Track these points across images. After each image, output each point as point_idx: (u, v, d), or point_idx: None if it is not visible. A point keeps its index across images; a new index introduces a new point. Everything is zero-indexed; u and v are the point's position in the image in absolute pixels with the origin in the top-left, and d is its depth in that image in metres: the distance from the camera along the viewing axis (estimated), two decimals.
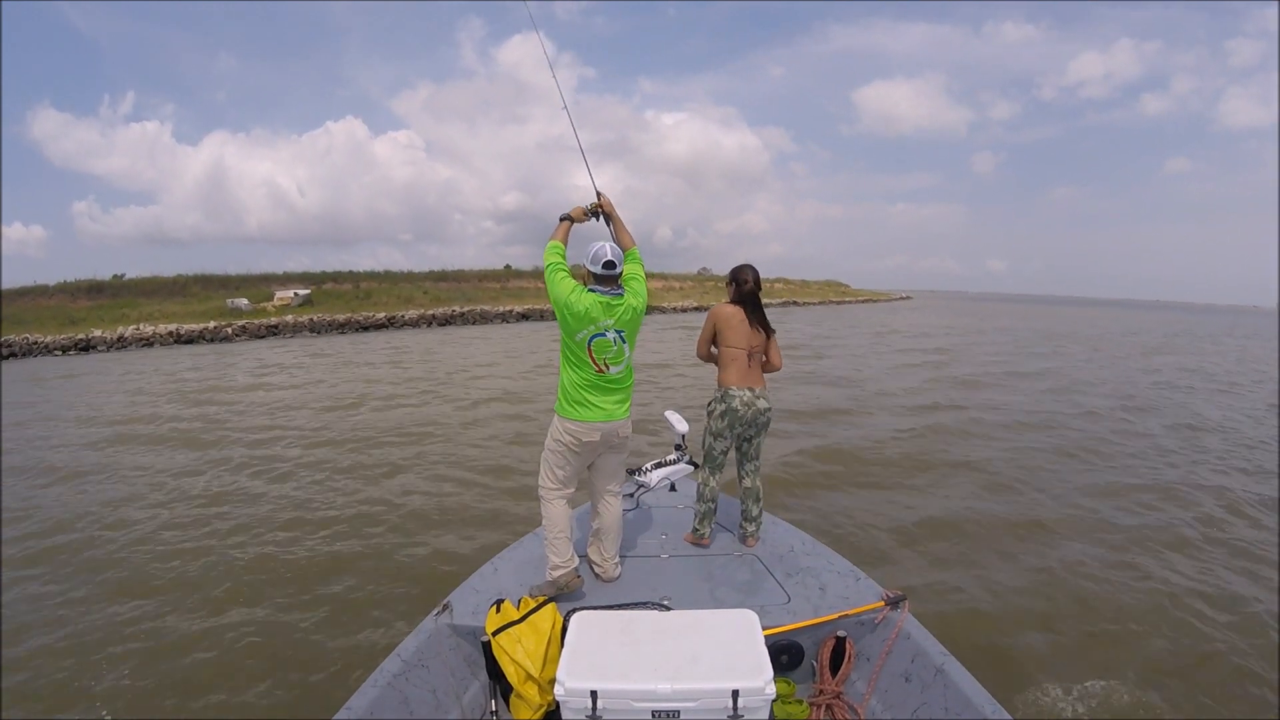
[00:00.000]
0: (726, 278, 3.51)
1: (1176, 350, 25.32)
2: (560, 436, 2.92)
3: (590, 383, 2.88)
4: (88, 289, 35.74)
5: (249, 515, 6.03)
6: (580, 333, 2.81)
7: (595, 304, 2.81)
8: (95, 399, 13.12)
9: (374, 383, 14.41)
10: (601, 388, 2.89)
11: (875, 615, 2.71)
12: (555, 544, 2.91)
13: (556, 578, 2.87)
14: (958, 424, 10.00)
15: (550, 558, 2.91)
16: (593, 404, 2.88)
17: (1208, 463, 8.18)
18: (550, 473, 2.99)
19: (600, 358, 2.85)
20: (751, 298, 3.38)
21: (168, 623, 4.16)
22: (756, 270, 3.41)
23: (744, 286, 3.38)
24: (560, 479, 2.98)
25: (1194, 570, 4.97)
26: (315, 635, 4.01)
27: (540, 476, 3.02)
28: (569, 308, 2.79)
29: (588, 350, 2.83)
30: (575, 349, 2.85)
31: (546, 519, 2.96)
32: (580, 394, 2.87)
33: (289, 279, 41.20)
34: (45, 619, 4.26)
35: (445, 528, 5.71)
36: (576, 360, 2.87)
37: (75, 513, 6.19)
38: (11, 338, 24.65)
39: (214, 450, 8.48)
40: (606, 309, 2.83)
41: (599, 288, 2.86)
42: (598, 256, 2.86)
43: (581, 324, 2.80)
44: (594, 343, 2.83)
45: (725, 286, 3.51)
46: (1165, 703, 3.48)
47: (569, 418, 2.89)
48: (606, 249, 2.86)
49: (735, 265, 3.46)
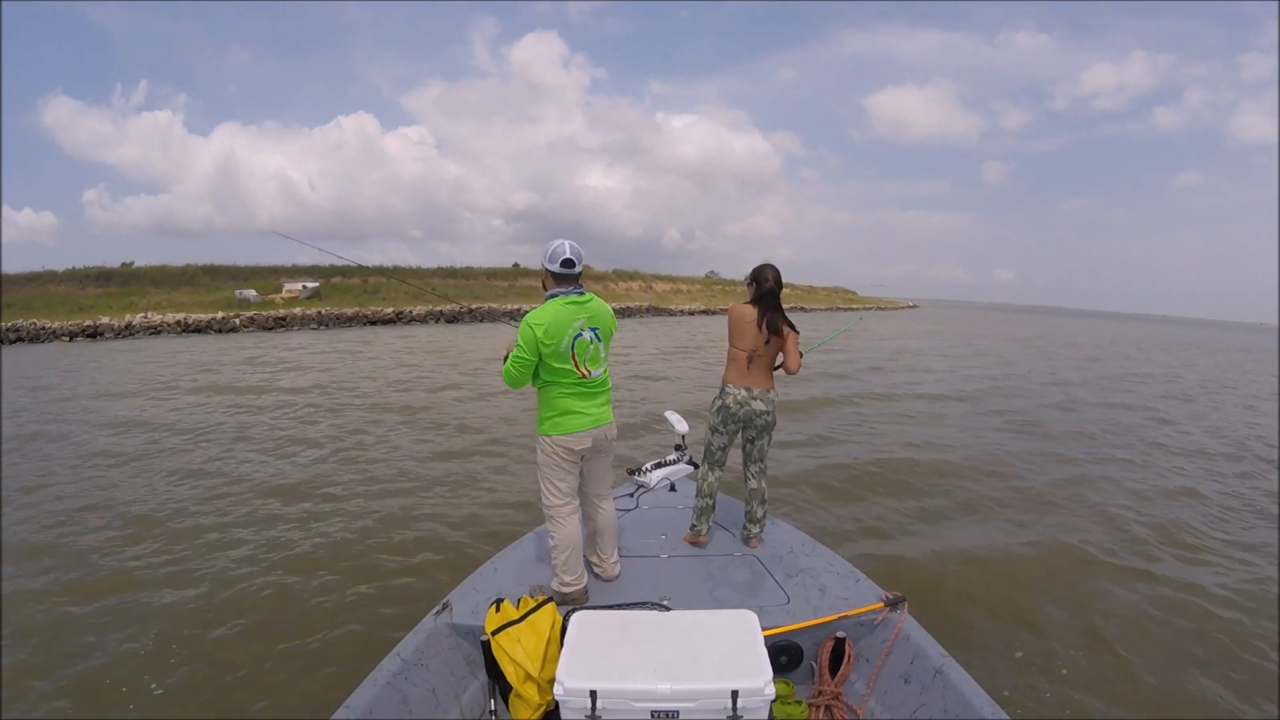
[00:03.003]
0: (747, 278, 3.49)
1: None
2: (552, 452, 2.84)
3: (574, 390, 2.81)
4: (96, 276, 36.00)
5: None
6: (562, 343, 2.72)
7: (562, 307, 2.73)
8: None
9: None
10: (585, 393, 2.84)
11: (874, 616, 2.70)
12: (569, 563, 2.85)
13: (568, 594, 2.84)
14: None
15: (561, 575, 2.85)
16: (578, 411, 2.82)
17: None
18: (553, 488, 2.89)
19: (581, 360, 2.78)
20: (770, 297, 3.36)
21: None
22: (778, 270, 3.39)
23: (764, 285, 3.36)
24: (564, 491, 2.90)
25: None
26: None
27: (543, 496, 2.92)
28: (541, 331, 2.67)
29: (571, 355, 2.75)
30: (555, 365, 2.75)
31: (559, 537, 2.86)
32: (565, 403, 2.80)
33: (298, 272, 41.37)
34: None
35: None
36: (556, 373, 2.77)
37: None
38: (19, 322, 24.88)
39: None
40: (577, 307, 2.76)
41: (561, 290, 2.77)
42: (556, 254, 2.74)
43: (558, 334, 2.70)
44: (575, 344, 2.75)
45: (747, 286, 3.49)
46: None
47: (557, 433, 2.81)
48: (565, 246, 2.75)
49: (756, 265, 3.44)
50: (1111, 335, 45.79)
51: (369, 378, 14.43)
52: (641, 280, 58.87)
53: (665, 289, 58.19)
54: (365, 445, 8.35)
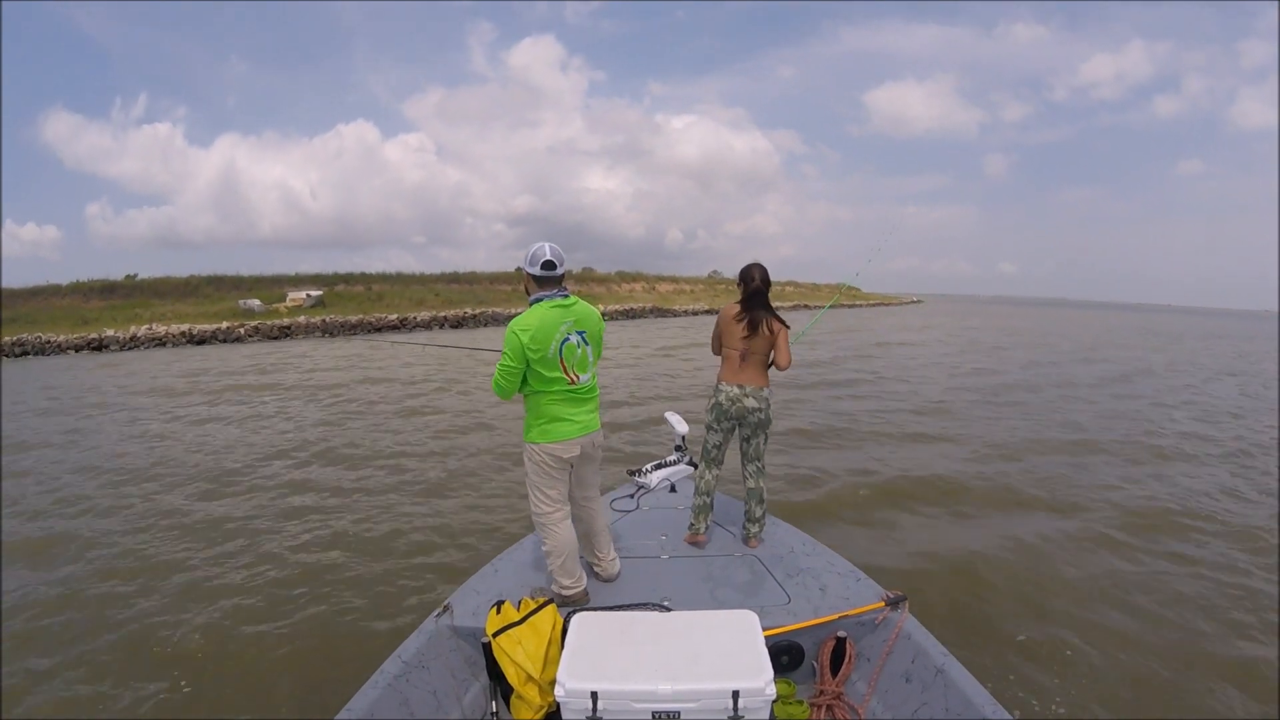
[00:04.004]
0: (736, 278, 3.51)
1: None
2: (541, 460, 2.81)
3: (563, 395, 2.77)
4: (100, 289, 36.09)
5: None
6: (549, 349, 2.69)
7: (547, 311, 2.69)
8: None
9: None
10: (574, 399, 2.81)
11: (875, 616, 2.70)
12: (566, 566, 2.85)
13: (569, 597, 2.84)
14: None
15: (560, 580, 2.85)
16: (567, 418, 2.79)
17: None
18: (542, 495, 2.87)
19: (570, 365, 2.75)
20: (758, 296, 3.37)
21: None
22: (764, 268, 3.40)
23: (750, 285, 3.38)
24: (554, 499, 2.88)
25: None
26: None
27: (533, 504, 2.90)
28: (527, 337, 2.64)
29: (559, 361, 2.72)
30: (542, 373, 2.72)
31: (552, 542, 2.84)
32: (554, 410, 2.77)
33: (301, 280, 41.46)
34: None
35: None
36: (544, 380, 2.74)
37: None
38: (25, 336, 25.00)
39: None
40: (563, 311, 2.73)
41: (544, 294, 2.74)
42: (536, 257, 2.71)
43: (545, 340, 2.67)
44: (564, 349, 2.72)
45: (735, 286, 3.50)
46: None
47: (546, 440, 2.79)
48: (546, 248, 2.71)
49: (744, 265, 3.45)
50: (1108, 325, 45.14)
51: (387, 380, 14.51)
52: (645, 281, 58.82)
53: (669, 289, 58.12)
54: (365, 445, 8.37)
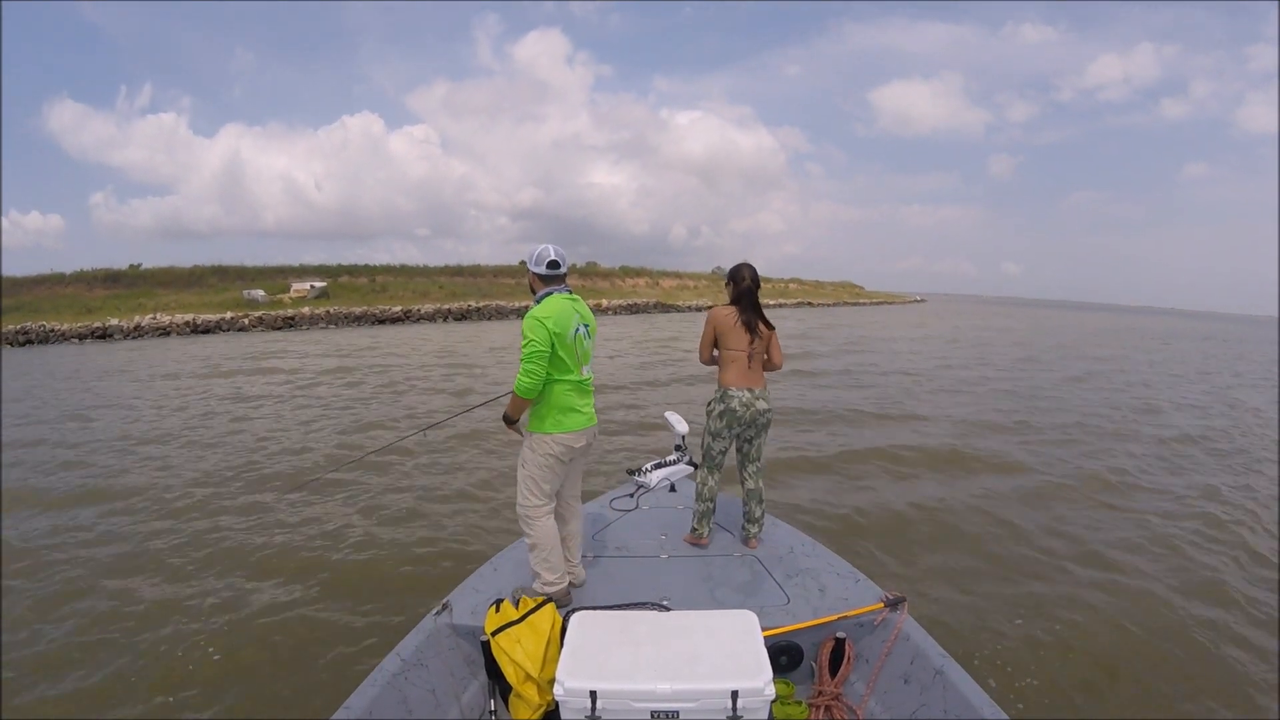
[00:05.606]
0: (725, 278, 3.50)
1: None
2: (551, 450, 2.82)
3: (574, 386, 2.84)
4: (104, 278, 36.15)
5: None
6: (568, 334, 2.75)
7: (563, 301, 2.78)
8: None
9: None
10: (583, 390, 2.88)
11: (874, 617, 2.70)
12: (550, 560, 2.86)
13: (553, 593, 2.83)
14: None
15: (543, 574, 2.85)
16: (579, 409, 2.85)
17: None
18: (536, 490, 2.87)
19: (579, 356, 2.83)
20: (749, 295, 3.36)
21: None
22: (754, 268, 3.40)
23: (741, 284, 3.37)
24: (547, 494, 2.89)
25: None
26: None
27: (522, 497, 2.89)
28: (550, 322, 2.69)
29: (574, 351, 2.79)
30: (565, 355, 2.76)
31: (538, 536, 2.85)
32: (568, 400, 2.82)
33: (305, 271, 41.50)
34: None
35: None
36: (564, 368, 2.78)
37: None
38: (29, 325, 25.07)
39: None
40: (573, 304, 2.82)
41: (552, 288, 2.81)
42: (541, 257, 2.79)
43: (566, 325, 2.74)
44: (575, 338, 2.80)
45: (724, 287, 3.50)
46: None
47: (560, 430, 2.81)
48: (550, 249, 2.79)
49: (734, 265, 3.44)
50: (1098, 326, 45.04)
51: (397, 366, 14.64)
52: (649, 277, 58.72)
53: (672, 285, 58.03)
54: (370, 444, 8.38)
